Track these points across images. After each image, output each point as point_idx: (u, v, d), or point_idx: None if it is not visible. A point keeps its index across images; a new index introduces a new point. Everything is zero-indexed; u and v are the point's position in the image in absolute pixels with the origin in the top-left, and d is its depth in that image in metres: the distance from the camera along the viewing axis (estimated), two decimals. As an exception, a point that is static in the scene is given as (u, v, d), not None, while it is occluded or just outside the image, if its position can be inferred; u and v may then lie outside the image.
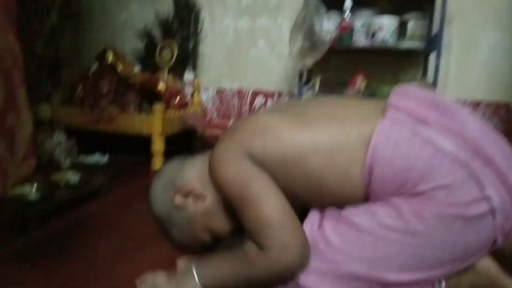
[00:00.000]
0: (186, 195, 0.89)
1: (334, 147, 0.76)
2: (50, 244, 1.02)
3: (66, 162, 1.56)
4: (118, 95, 1.81)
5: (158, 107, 1.73)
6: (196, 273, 0.82)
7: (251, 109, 2.20)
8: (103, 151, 1.75)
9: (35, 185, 1.18)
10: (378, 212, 0.71)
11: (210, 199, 0.88)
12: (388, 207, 0.71)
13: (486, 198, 0.67)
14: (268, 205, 0.75)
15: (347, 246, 0.72)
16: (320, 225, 0.77)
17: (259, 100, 2.19)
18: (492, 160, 0.68)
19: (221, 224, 0.89)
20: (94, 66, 1.88)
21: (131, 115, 1.78)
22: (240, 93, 2.21)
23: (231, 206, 0.82)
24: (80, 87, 1.84)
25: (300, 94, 1.88)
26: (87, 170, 1.43)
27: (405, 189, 0.70)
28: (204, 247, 0.90)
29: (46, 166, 1.42)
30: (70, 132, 1.70)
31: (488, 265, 0.78)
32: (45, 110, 1.81)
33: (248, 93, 2.20)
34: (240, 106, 2.22)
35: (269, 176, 0.78)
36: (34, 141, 1.29)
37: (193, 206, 0.89)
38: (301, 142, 0.77)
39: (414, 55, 1.95)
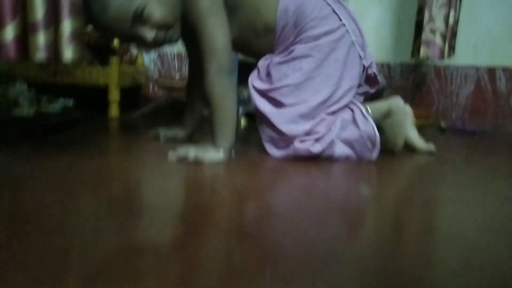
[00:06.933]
0: None
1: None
2: (57, 148, 1.27)
3: (31, 110, 1.73)
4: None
5: (115, 59, 1.97)
6: (217, 144, 1.15)
7: (189, 70, 2.53)
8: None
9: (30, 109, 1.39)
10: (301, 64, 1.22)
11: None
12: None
13: (344, 24, 1.25)
14: (220, 35, 1.16)
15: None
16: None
17: (197, 62, 2.52)
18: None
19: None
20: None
21: (88, 67, 1.99)
22: (179, 56, 2.52)
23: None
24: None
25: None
26: (63, 107, 1.64)
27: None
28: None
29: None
30: (29, 84, 1.85)
31: (397, 101, 1.30)
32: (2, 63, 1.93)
33: (186, 56, 2.52)
34: (180, 68, 2.54)
35: (226, 17, 1.18)
36: None
37: None
38: None
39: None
